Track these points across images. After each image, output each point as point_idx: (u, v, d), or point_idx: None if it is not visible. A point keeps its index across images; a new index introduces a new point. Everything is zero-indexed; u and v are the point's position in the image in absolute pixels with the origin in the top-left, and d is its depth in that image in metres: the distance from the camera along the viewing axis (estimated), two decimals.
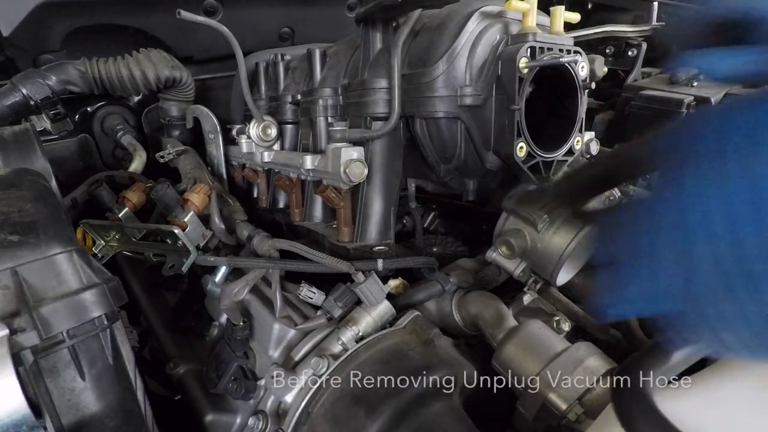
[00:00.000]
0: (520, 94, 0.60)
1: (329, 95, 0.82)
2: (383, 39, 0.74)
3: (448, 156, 0.70)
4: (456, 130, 0.67)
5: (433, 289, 0.77)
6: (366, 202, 0.74)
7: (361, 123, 0.74)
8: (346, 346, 0.68)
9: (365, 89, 0.72)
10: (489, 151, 0.66)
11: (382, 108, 0.71)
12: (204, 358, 0.76)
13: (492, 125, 0.64)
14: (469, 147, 0.68)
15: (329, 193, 0.74)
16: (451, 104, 0.65)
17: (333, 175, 0.71)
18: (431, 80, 0.65)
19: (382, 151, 0.74)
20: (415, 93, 0.67)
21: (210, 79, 1.30)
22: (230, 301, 0.70)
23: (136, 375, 0.53)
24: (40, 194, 0.56)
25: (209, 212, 0.84)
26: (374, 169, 0.73)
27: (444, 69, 0.64)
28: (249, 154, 0.99)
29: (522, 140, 0.62)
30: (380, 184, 0.74)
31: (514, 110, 0.61)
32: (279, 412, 0.67)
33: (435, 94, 0.65)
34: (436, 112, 0.66)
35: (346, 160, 0.68)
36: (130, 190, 0.89)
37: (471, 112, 0.65)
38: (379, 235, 0.75)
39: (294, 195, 0.90)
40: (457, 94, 0.64)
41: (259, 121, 0.91)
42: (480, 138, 0.66)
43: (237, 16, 1.27)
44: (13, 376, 0.38)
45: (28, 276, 0.45)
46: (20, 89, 0.95)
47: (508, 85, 0.61)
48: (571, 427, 0.56)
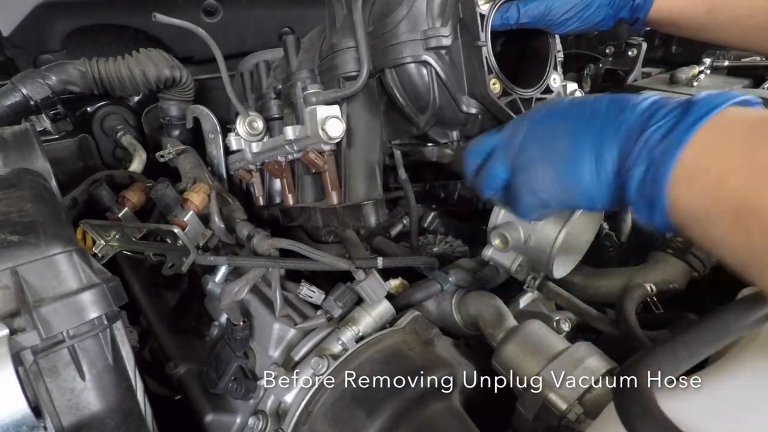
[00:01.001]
0: (484, 30, 0.62)
1: (307, 76, 0.82)
2: (346, 3, 0.75)
3: (423, 104, 0.70)
4: (426, 74, 0.68)
5: (432, 289, 0.77)
6: (349, 162, 0.75)
7: (335, 86, 0.75)
8: (346, 346, 0.68)
9: (334, 52, 0.73)
10: (464, 95, 0.67)
11: (352, 66, 0.72)
12: (204, 358, 0.76)
13: (462, 68, 0.65)
14: (443, 92, 0.68)
15: (311, 156, 0.74)
16: (417, 48, 0.65)
17: (313, 137, 0.71)
18: (394, 27, 0.65)
19: (358, 110, 0.75)
20: (381, 45, 0.68)
21: (210, 79, 1.30)
22: (230, 300, 0.70)
23: (136, 375, 0.53)
24: (40, 194, 0.56)
25: (209, 212, 0.84)
26: (352, 128, 0.74)
27: (404, 14, 0.65)
28: (240, 152, 0.99)
29: (493, 76, 0.63)
30: (360, 143, 0.75)
31: (479, 46, 0.62)
32: (279, 412, 0.67)
33: (399, 40, 0.66)
34: (404, 58, 0.66)
35: (322, 117, 0.69)
36: (130, 190, 0.89)
37: (438, 55, 0.66)
38: (366, 191, 0.75)
39: (285, 179, 0.90)
40: (421, 38, 0.65)
41: (245, 115, 0.91)
42: (453, 81, 0.67)
43: (237, 16, 1.27)
44: (13, 376, 0.38)
45: (28, 276, 0.45)
46: (20, 89, 0.95)
47: (470, 23, 0.62)
48: (571, 427, 0.56)
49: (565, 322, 0.72)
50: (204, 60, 1.30)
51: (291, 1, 1.34)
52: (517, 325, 0.69)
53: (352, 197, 0.75)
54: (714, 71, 1.41)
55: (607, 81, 1.55)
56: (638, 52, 1.43)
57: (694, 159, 0.37)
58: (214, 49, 0.89)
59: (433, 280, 0.78)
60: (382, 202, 0.74)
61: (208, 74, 1.31)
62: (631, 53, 1.44)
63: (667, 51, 1.62)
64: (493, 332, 0.70)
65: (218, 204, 0.86)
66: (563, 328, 0.72)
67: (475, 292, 0.78)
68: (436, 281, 0.78)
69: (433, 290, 0.77)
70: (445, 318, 0.79)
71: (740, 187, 0.35)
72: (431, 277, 0.78)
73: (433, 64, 0.65)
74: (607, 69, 1.53)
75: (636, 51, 1.43)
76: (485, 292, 0.78)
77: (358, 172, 0.75)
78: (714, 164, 0.37)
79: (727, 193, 0.36)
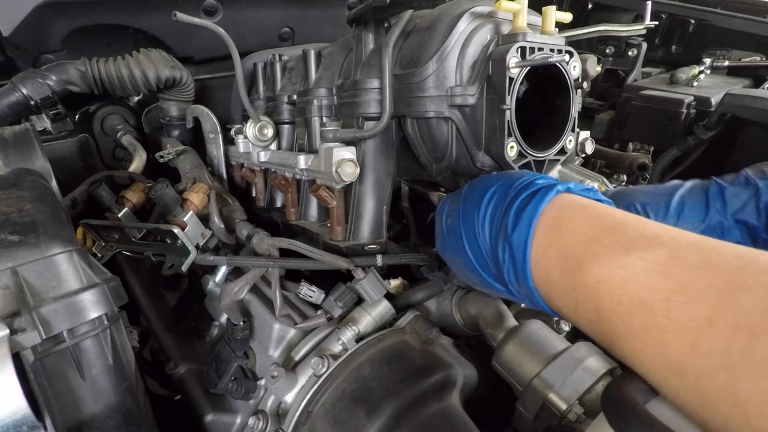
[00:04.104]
0: (510, 93, 0.61)
1: (324, 95, 0.82)
2: (375, 39, 0.74)
3: (440, 155, 0.70)
4: (447, 130, 0.67)
5: (432, 289, 0.77)
6: (358, 202, 0.75)
7: (353, 123, 0.74)
8: (346, 346, 0.68)
9: (357, 89, 0.72)
10: (480, 150, 0.66)
11: (374, 108, 0.71)
12: (204, 358, 0.76)
13: (483, 125, 0.65)
14: (460, 147, 0.68)
15: (321, 193, 0.74)
16: (442, 104, 0.65)
17: (325, 174, 0.72)
18: (422, 80, 0.65)
19: (373, 151, 0.74)
20: (407, 93, 0.67)
21: (210, 79, 1.31)
22: (230, 300, 0.70)
23: (136, 375, 0.53)
24: (40, 194, 0.56)
25: (209, 212, 0.84)
26: (366, 168, 0.74)
27: (434, 69, 0.64)
28: (246, 153, 0.99)
29: (512, 140, 0.63)
30: (372, 184, 0.75)
31: (504, 110, 0.61)
32: (279, 412, 0.67)
33: (426, 94, 0.65)
34: (427, 112, 0.66)
35: (338, 159, 0.69)
36: (130, 190, 0.90)
37: (462, 111, 0.65)
38: (372, 234, 0.75)
39: (290, 194, 0.90)
40: (447, 94, 0.64)
41: (256, 121, 0.91)
42: (471, 138, 0.66)
43: (237, 16, 1.27)
44: (13, 376, 0.38)
45: (29, 276, 0.45)
46: (20, 89, 0.95)
47: (498, 84, 0.61)
48: (571, 427, 0.56)
49: (565, 323, 0.72)
50: (204, 60, 1.31)
51: (291, 1, 1.34)
52: (518, 325, 0.70)
53: (357, 237, 0.75)
54: (714, 71, 1.41)
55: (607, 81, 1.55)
56: (638, 52, 1.43)
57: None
58: (233, 50, 0.89)
59: (433, 280, 0.78)
60: (385, 245, 0.74)
61: (208, 74, 1.31)
62: (631, 53, 1.44)
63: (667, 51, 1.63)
64: (493, 332, 0.70)
65: (218, 204, 0.86)
66: (563, 328, 0.72)
67: (475, 292, 0.78)
68: (436, 281, 0.78)
69: (433, 290, 0.77)
70: (446, 318, 0.79)
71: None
72: (431, 278, 0.78)
73: (456, 121, 0.65)
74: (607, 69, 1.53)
75: (636, 51, 1.43)
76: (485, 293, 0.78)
77: (366, 213, 0.75)
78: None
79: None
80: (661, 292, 0.35)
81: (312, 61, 0.85)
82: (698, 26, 1.55)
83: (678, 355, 0.32)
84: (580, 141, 0.81)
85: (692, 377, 0.31)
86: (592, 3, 1.80)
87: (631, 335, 0.36)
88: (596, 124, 1.43)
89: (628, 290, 0.37)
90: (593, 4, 1.80)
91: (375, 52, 0.73)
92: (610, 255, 0.40)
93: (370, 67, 0.72)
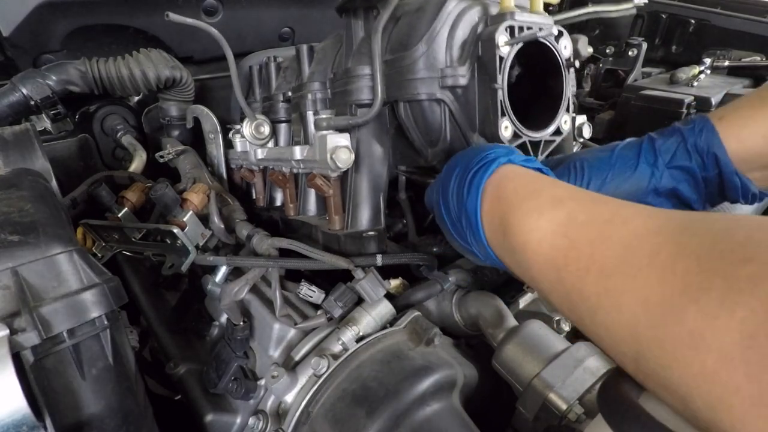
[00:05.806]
0: (501, 72, 0.61)
1: (318, 89, 0.82)
2: (365, 27, 0.74)
3: (434, 139, 0.70)
4: (440, 112, 0.67)
5: (432, 289, 0.77)
6: (355, 190, 0.75)
7: (347, 111, 0.74)
8: (346, 345, 0.68)
9: (349, 77, 0.72)
10: (475, 132, 0.66)
11: (366, 94, 0.71)
12: (204, 358, 0.76)
13: (476, 106, 0.65)
14: (454, 129, 0.68)
15: (318, 182, 0.74)
16: (433, 86, 0.65)
17: (321, 162, 0.72)
18: (412, 62, 0.65)
19: (368, 138, 0.74)
20: (398, 77, 0.67)
21: (210, 79, 1.31)
22: (230, 300, 0.70)
23: (136, 375, 0.53)
24: (40, 194, 0.56)
25: (208, 212, 0.84)
26: (361, 155, 0.74)
27: (424, 51, 0.64)
28: (244, 153, 0.99)
29: (506, 119, 0.62)
30: (368, 171, 0.75)
31: (496, 89, 0.61)
32: (279, 412, 0.67)
33: (416, 76, 0.65)
34: (419, 95, 0.66)
35: (332, 146, 0.69)
36: (129, 190, 0.90)
37: (454, 93, 0.65)
38: (370, 221, 0.75)
39: (288, 190, 0.90)
40: (438, 75, 0.64)
41: (252, 119, 0.92)
42: (465, 120, 0.66)
43: (237, 16, 1.27)
44: (13, 376, 0.38)
45: (29, 276, 0.45)
46: (20, 89, 0.95)
47: (489, 64, 0.61)
48: (571, 427, 0.56)
49: (565, 322, 0.72)
50: (204, 60, 1.31)
51: (291, 1, 1.34)
52: (518, 325, 0.69)
53: (355, 225, 0.75)
54: (714, 71, 1.41)
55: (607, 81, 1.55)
56: (638, 52, 1.43)
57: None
58: (227, 50, 0.89)
59: (433, 280, 0.78)
60: (383, 232, 0.74)
61: (208, 74, 1.31)
62: (631, 53, 1.44)
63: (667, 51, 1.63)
64: (493, 332, 0.70)
65: (218, 204, 0.86)
66: (563, 328, 0.72)
67: (475, 292, 0.78)
68: (436, 281, 0.78)
69: (433, 290, 0.77)
70: (446, 318, 0.79)
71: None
72: (431, 278, 0.78)
73: (448, 102, 0.65)
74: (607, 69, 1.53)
75: (636, 51, 1.43)
76: (485, 292, 0.78)
77: (363, 201, 0.75)
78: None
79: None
80: (561, 249, 0.41)
81: (305, 56, 0.85)
82: (698, 26, 1.55)
83: (575, 302, 0.39)
84: (577, 125, 0.81)
85: (583, 310, 0.39)
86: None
87: (553, 293, 0.42)
88: (596, 124, 1.43)
89: (541, 251, 0.43)
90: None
91: (365, 40, 0.73)
92: (528, 219, 0.45)
93: (360, 55, 0.73)
